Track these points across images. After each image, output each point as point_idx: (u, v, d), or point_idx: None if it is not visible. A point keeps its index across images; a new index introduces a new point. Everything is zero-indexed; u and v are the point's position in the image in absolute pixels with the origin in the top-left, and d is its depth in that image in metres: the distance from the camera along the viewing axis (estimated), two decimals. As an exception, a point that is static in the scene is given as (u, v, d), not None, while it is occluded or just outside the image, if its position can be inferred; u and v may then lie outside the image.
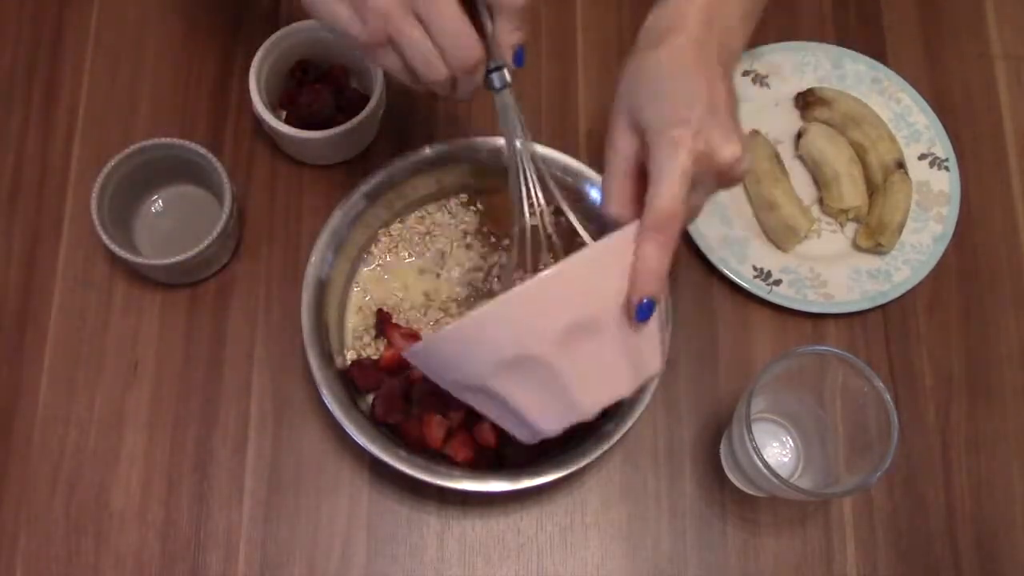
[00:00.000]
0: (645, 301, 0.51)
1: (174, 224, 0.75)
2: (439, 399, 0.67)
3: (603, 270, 0.51)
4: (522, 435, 0.56)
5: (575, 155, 0.71)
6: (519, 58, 0.54)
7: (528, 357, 0.50)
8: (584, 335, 0.50)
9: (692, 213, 0.55)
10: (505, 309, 0.49)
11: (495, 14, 0.52)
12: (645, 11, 0.84)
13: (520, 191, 0.58)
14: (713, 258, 0.75)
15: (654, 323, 0.53)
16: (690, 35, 0.54)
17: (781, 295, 0.74)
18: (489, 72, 0.55)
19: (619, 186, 0.54)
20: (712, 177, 0.53)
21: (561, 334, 0.49)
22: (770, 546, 0.70)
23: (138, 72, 0.80)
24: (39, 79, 0.80)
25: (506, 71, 0.55)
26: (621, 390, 0.53)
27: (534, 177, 0.58)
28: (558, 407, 0.52)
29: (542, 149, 0.71)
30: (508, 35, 0.53)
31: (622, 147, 0.54)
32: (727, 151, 0.52)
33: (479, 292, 0.72)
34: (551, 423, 0.53)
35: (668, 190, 0.50)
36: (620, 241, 0.51)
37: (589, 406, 0.52)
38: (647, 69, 0.54)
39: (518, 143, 0.57)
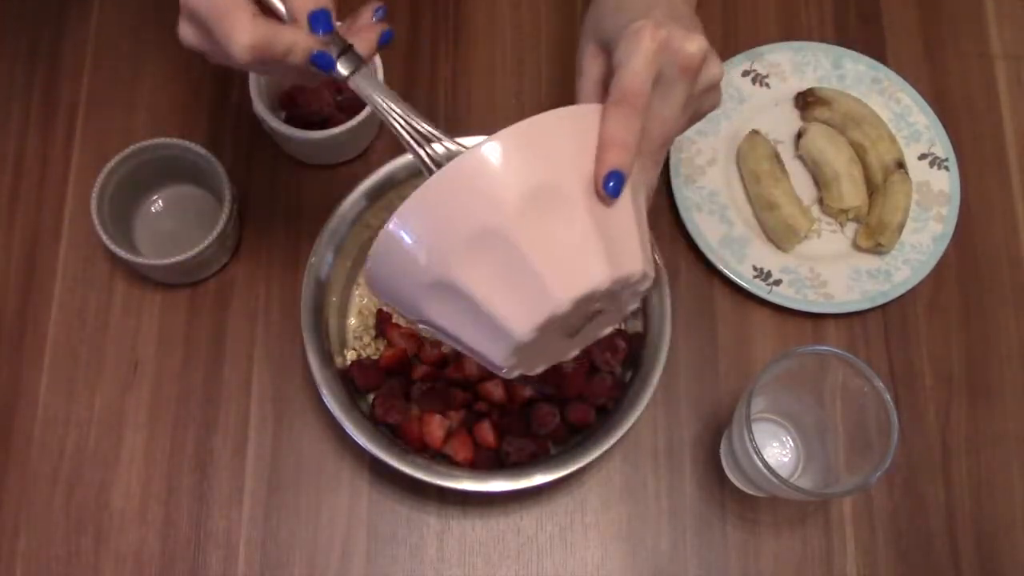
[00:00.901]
0: (613, 175, 0.47)
1: (174, 224, 0.75)
2: (439, 399, 0.67)
3: (564, 134, 0.47)
4: (497, 350, 0.48)
5: (575, 155, 0.71)
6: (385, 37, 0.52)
7: (489, 231, 0.45)
8: (548, 207, 0.46)
9: (666, 127, 0.51)
10: (459, 169, 0.45)
11: None
12: (645, 11, 0.85)
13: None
14: (713, 258, 0.75)
15: (629, 216, 0.49)
16: None
17: (781, 295, 0.74)
18: (336, 57, 0.50)
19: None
20: (680, 74, 0.50)
21: (522, 201, 0.45)
22: (770, 546, 0.70)
23: (138, 72, 0.80)
24: (39, 79, 0.80)
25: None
26: (595, 278, 0.46)
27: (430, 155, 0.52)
28: (527, 295, 0.46)
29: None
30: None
31: (590, 70, 0.53)
32: (691, 44, 0.50)
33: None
34: (522, 318, 0.46)
35: (631, 69, 0.48)
36: (581, 111, 0.48)
37: (560, 292, 0.46)
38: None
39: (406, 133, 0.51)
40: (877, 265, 0.76)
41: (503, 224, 0.45)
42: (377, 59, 0.73)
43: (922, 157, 0.79)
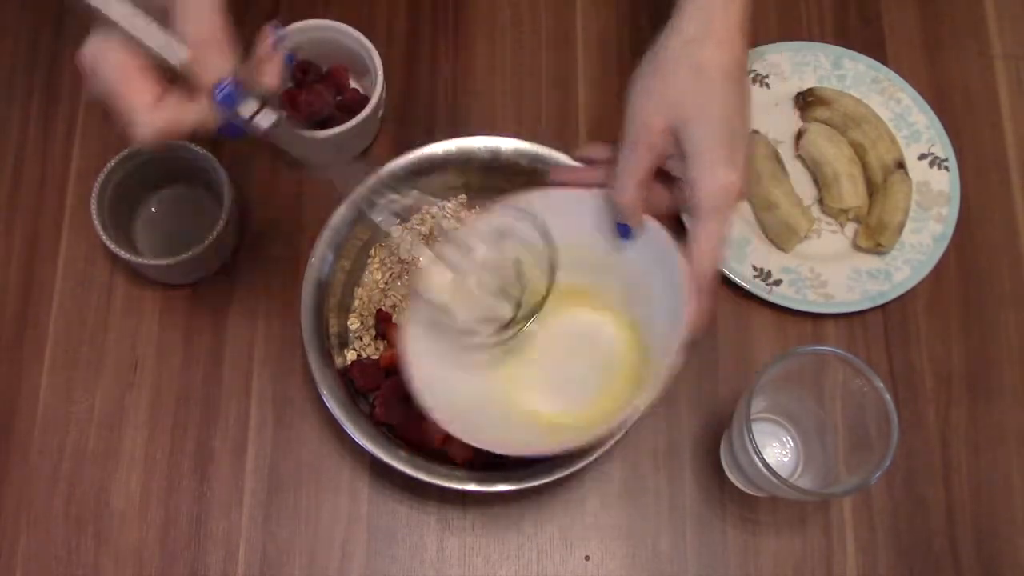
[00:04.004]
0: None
1: (174, 224, 0.75)
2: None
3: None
4: None
5: (575, 155, 0.71)
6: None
7: None
8: None
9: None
10: None
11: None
12: (645, 11, 0.85)
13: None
14: (713, 258, 0.75)
15: None
16: (735, 49, 0.55)
17: (781, 295, 0.74)
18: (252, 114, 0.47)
19: (640, 183, 0.55)
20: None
21: None
22: (770, 546, 0.70)
23: (138, 72, 0.80)
24: (39, 79, 0.80)
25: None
26: None
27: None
28: None
29: (541, 148, 0.71)
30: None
31: (658, 144, 0.54)
32: (737, 179, 0.55)
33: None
34: None
35: (712, 251, 0.54)
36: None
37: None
38: (693, 71, 0.54)
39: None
40: (877, 265, 0.76)
41: None
42: (378, 60, 0.73)
43: (922, 157, 0.79)
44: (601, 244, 0.60)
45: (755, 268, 0.75)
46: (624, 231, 0.56)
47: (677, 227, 0.77)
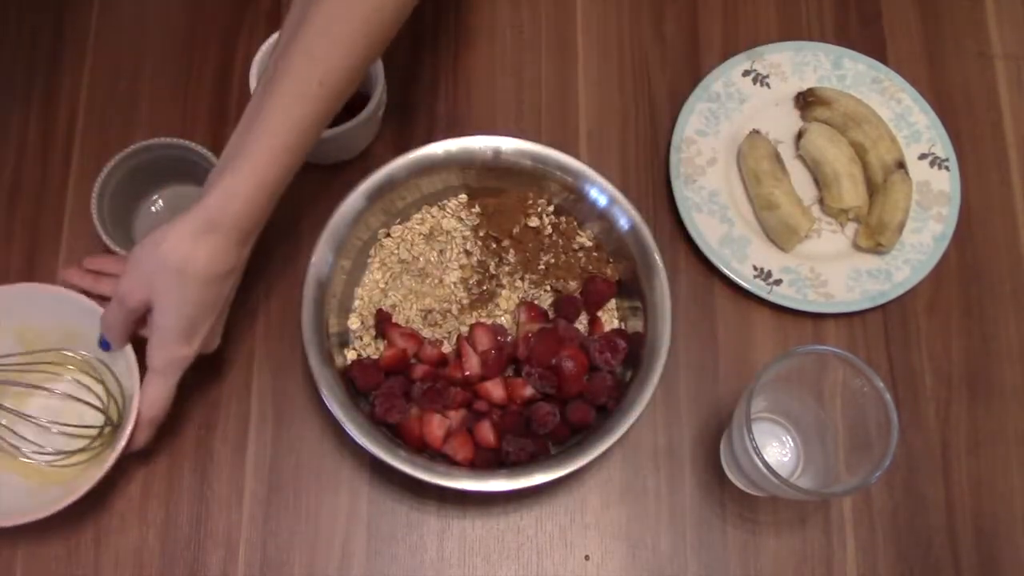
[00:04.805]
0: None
1: (174, 224, 0.75)
2: (439, 399, 0.67)
3: None
4: None
5: (575, 155, 0.71)
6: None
7: None
8: None
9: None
10: None
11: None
12: (645, 11, 0.85)
13: None
14: (713, 258, 0.75)
15: None
16: (229, 260, 0.60)
17: (781, 295, 0.74)
18: None
19: (124, 325, 0.63)
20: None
21: None
22: (770, 546, 0.70)
23: (138, 72, 0.80)
24: (39, 79, 0.80)
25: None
26: None
27: None
28: None
29: (541, 148, 0.71)
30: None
31: (137, 309, 0.61)
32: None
33: (479, 294, 0.72)
34: None
35: (157, 400, 0.63)
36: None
37: None
38: (180, 274, 0.59)
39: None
40: (877, 265, 0.76)
41: None
42: (378, 60, 0.73)
43: (922, 157, 0.80)
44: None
45: (755, 268, 0.75)
46: (104, 345, 0.65)
47: (675, 224, 0.77)
